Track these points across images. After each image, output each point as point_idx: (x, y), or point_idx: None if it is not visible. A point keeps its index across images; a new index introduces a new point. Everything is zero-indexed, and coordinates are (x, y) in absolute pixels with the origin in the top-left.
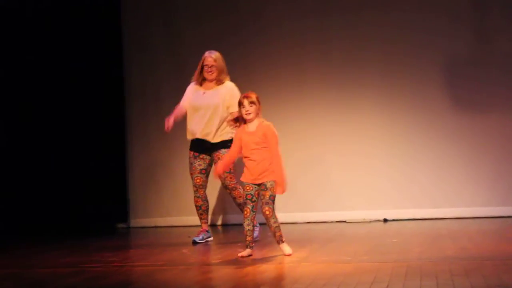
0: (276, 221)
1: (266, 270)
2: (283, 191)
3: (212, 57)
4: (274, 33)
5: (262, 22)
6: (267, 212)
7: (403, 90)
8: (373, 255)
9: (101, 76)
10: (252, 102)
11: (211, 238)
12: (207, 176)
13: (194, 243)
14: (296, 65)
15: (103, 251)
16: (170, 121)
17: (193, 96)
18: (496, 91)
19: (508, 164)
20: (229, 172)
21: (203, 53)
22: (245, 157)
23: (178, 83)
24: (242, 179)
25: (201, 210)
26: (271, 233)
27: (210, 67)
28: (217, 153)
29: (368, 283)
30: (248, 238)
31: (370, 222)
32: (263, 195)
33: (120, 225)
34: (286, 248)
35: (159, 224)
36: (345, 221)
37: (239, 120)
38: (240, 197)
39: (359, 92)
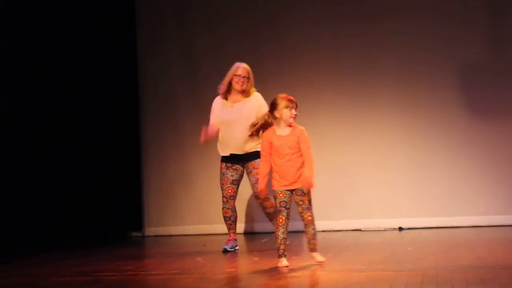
0: (314, 228)
1: (281, 279)
2: (310, 186)
3: (245, 68)
4: (287, 40)
5: (276, 29)
6: (310, 218)
7: (417, 99)
8: (388, 264)
9: (116, 85)
10: (297, 107)
11: (238, 247)
12: (238, 187)
13: (225, 251)
14: (309, 72)
15: (117, 259)
16: (207, 134)
17: (221, 111)
18: (510, 99)
19: None
20: None
21: (216, 58)
22: (276, 162)
23: (191, 89)
24: (274, 188)
25: (230, 220)
26: (307, 239)
27: (243, 77)
28: (252, 163)
29: None
30: (283, 247)
31: (385, 230)
32: (303, 201)
33: (135, 234)
34: (319, 256)
35: (173, 233)
36: (360, 230)
37: (264, 127)
38: (271, 207)
39: (373, 100)
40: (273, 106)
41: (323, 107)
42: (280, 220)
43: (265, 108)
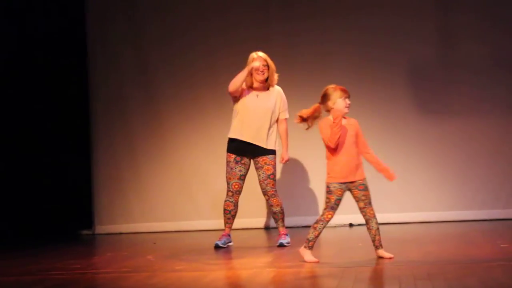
0: (377, 223)
1: (231, 275)
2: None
3: (262, 57)
4: (238, 34)
5: (226, 21)
6: (372, 212)
7: (368, 93)
8: (337, 260)
9: (64, 79)
10: (349, 96)
11: (232, 243)
12: (244, 182)
13: (217, 247)
14: None
15: (66, 258)
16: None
17: (247, 97)
18: (461, 93)
19: (473, 168)
20: (273, 179)
21: (167, 47)
22: (336, 153)
23: (142, 83)
24: (330, 181)
25: (230, 214)
26: (371, 236)
27: (262, 66)
28: (264, 158)
29: None
30: (315, 240)
31: (335, 227)
32: (365, 196)
33: (85, 232)
34: (386, 253)
35: (124, 231)
36: (310, 226)
37: (308, 119)
38: (278, 205)
39: None
40: (325, 97)
41: None
42: (329, 216)
43: (286, 106)
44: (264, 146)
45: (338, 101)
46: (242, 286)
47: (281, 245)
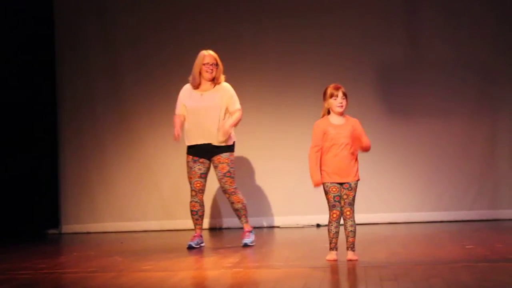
0: (353, 225)
1: (196, 276)
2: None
3: (212, 55)
4: (208, 34)
5: (197, 21)
6: (348, 213)
7: None
8: (304, 261)
9: (33, 79)
10: (345, 94)
11: (204, 244)
12: (206, 180)
13: (191, 247)
14: (231, 68)
15: (32, 257)
16: (178, 131)
17: (190, 99)
18: (429, 94)
19: (440, 169)
20: (229, 177)
21: (137, 50)
22: (329, 154)
23: (111, 85)
24: (324, 181)
25: (197, 215)
26: (345, 235)
27: (211, 65)
28: (218, 157)
29: None
30: (335, 241)
31: (303, 227)
32: (347, 195)
33: (52, 231)
34: (354, 256)
35: (91, 230)
36: (278, 227)
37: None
38: (238, 202)
39: (294, 95)
40: (323, 96)
41: (243, 102)
42: (334, 216)
43: (235, 98)
44: (214, 143)
45: (329, 101)
46: (209, 286)
47: (246, 245)
